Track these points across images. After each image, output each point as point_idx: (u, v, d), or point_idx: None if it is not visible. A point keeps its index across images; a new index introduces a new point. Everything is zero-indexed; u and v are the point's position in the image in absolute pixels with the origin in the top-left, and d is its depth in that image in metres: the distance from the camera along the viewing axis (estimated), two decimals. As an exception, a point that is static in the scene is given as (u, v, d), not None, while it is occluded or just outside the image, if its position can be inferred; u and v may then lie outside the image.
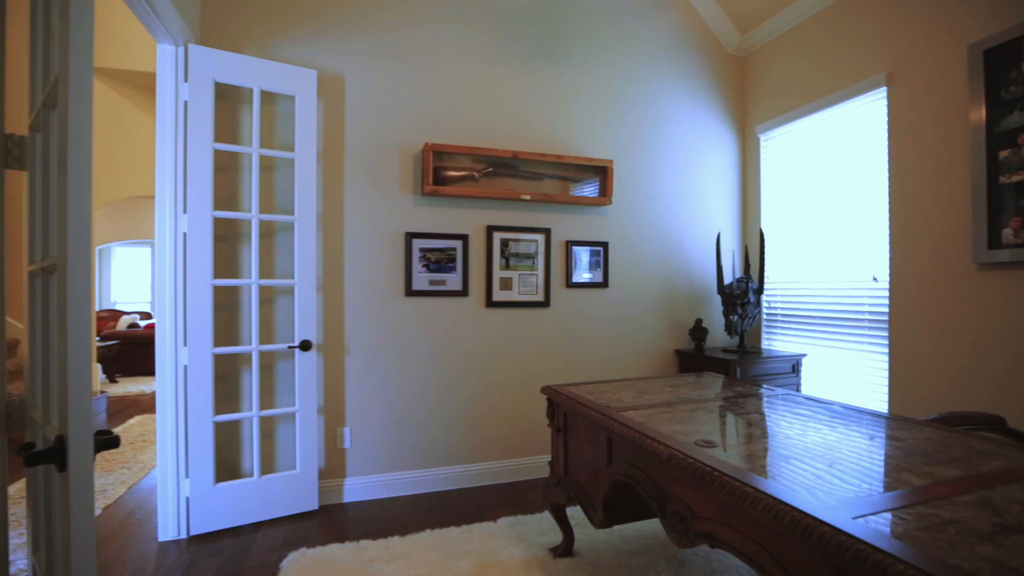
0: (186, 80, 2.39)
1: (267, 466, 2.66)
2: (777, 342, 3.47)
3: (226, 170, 2.60)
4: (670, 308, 3.49)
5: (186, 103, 2.39)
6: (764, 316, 3.56)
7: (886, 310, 2.74)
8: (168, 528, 2.37)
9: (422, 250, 2.95)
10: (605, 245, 3.30)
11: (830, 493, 1.08)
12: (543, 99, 3.20)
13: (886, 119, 2.73)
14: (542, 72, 3.20)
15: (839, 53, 3.00)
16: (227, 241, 2.60)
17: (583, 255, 3.26)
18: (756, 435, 1.51)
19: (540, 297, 3.16)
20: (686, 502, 1.32)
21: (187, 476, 2.39)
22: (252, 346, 2.54)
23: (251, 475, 2.58)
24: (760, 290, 3.24)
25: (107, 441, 0.87)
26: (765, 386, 2.18)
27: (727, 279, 3.58)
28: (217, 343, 2.53)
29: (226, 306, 2.60)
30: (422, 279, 2.95)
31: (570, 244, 3.22)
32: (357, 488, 2.82)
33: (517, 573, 2.05)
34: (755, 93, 3.64)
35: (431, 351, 2.97)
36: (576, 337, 3.26)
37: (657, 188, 3.47)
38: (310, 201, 2.64)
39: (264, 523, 2.54)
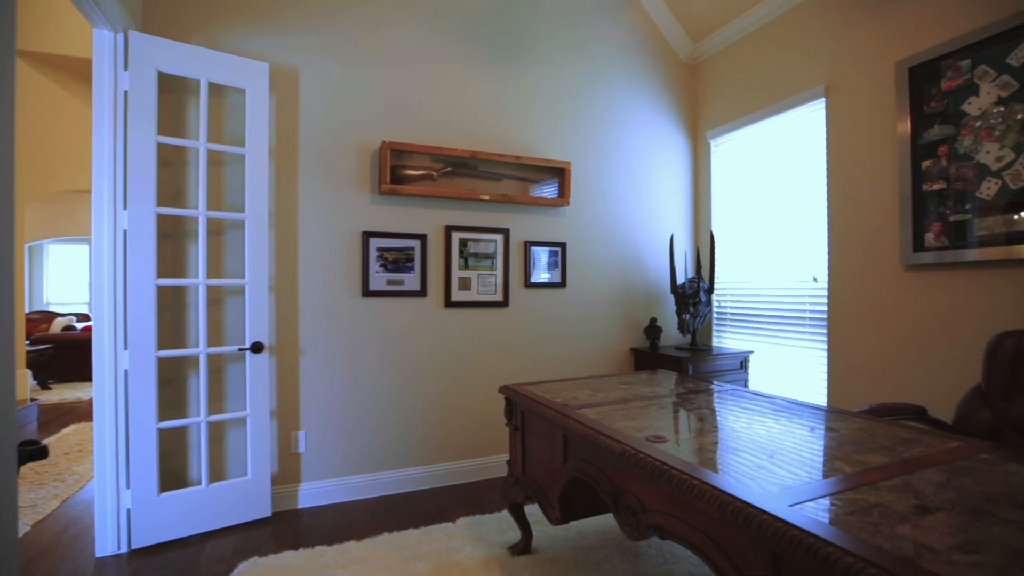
0: (126, 69, 2.27)
1: (216, 473, 2.56)
2: (727, 340, 3.61)
3: (171, 165, 2.48)
4: (626, 307, 3.58)
5: (126, 93, 2.26)
6: (715, 315, 3.70)
7: (825, 309, 2.90)
8: (107, 542, 2.24)
9: (379, 250, 2.91)
10: (563, 245, 3.35)
11: (770, 483, 1.14)
12: (502, 100, 3.22)
13: (824, 129, 2.90)
14: (501, 73, 3.22)
15: (782, 65, 3.16)
16: (172, 239, 2.49)
17: (541, 255, 3.30)
18: (704, 429, 1.57)
19: (499, 297, 3.18)
20: (638, 496, 1.37)
21: (128, 487, 2.27)
22: (200, 349, 2.44)
23: (199, 483, 2.48)
24: (711, 290, 3.37)
25: (33, 452, 0.82)
26: (715, 382, 2.28)
27: (680, 279, 3.70)
28: (161, 346, 2.41)
29: (171, 307, 2.48)
30: (379, 279, 2.91)
31: (529, 244, 3.25)
32: (312, 493, 2.75)
33: (475, 573, 2.06)
34: (706, 100, 3.78)
35: (389, 352, 2.93)
36: (535, 336, 3.29)
37: (613, 190, 3.55)
38: (262, 198, 2.56)
39: (213, 533, 2.44)
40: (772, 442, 1.43)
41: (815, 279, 2.98)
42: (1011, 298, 2.12)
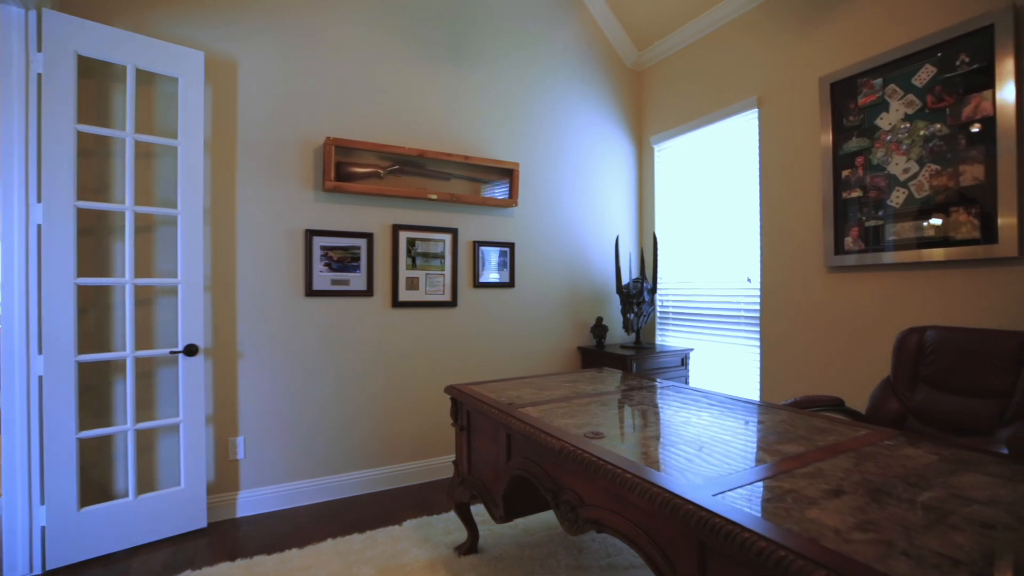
0: (39, 50, 2.10)
1: (146, 484, 2.42)
2: (669, 338, 3.76)
3: (94, 156, 2.32)
4: (573, 307, 3.65)
5: (39, 76, 2.10)
6: (658, 314, 3.84)
7: (758, 308, 3.07)
8: (17, 564, 2.07)
9: (324, 248, 2.83)
10: (511, 246, 3.38)
11: (698, 474, 1.20)
12: (451, 99, 3.21)
13: (757, 138, 3.06)
14: (450, 72, 3.20)
15: (720, 75, 3.31)
16: (95, 235, 2.33)
17: (490, 255, 3.32)
18: (642, 425, 1.63)
19: (447, 297, 3.17)
20: (577, 491, 1.40)
21: (42, 503, 2.11)
22: (127, 352, 2.30)
23: (126, 495, 2.33)
24: (654, 290, 3.49)
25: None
26: (657, 379, 2.37)
27: (625, 279, 3.81)
28: (82, 350, 2.25)
29: (95, 308, 2.32)
30: (323, 278, 2.83)
31: (477, 244, 3.26)
32: (252, 501, 2.65)
33: (420, 575, 2.05)
34: (650, 106, 3.91)
35: (334, 353, 2.86)
36: (483, 336, 3.30)
37: (561, 192, 3.61)
38: (196, 193, 2.44)
39: (142, 547, 2.30)
40: (703, 435, 1.51)
41: (749, 280, 3.15)
42: (921, 297, 2.32)
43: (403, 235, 3.04)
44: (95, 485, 2.32)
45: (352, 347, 2.91)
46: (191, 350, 2.41)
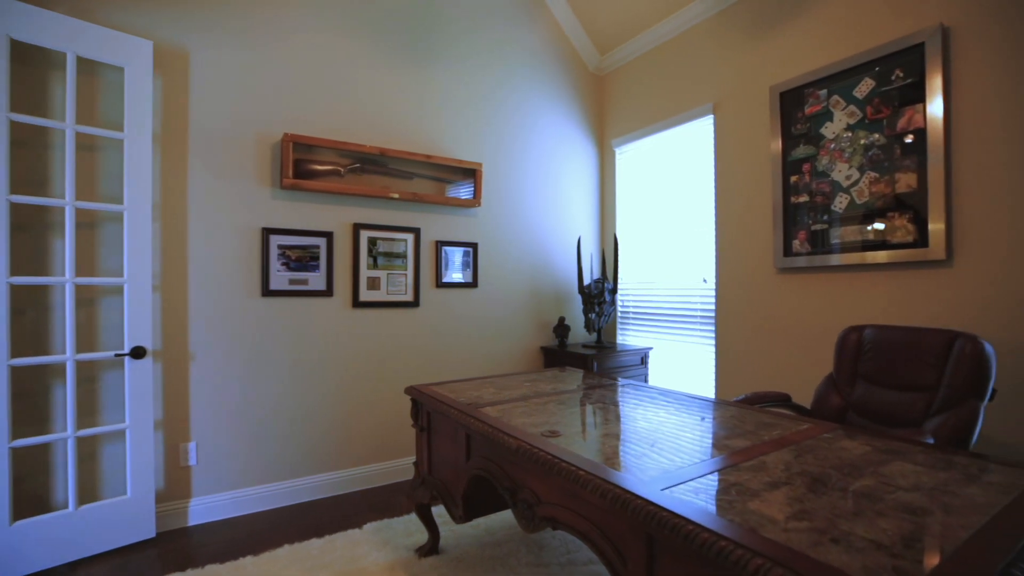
0: (-32, 36, 1.97)
1: (88, 494, 2.30)
2: (630, 337, 3.84)
3: (31, 147, 2.20)
4: (536, 307, 3.69)
5: (-32, 64, 1.97)
6: (619, 313, 3.92)
7: (713, 308, 3.18)
8: (-57, 581, 1.94)
9: (281, 247, 2.77)
10: (475, 246, 3.38)
11: (649, 470, 1.24)
12: (413, 97, 3.18)
13: (713, 143, 3.17)
14: (413, 70, 3.18)
15: (678, 81, 3.41)
16: (32, 232, 2.20)
17: (453, 255, 3.31)
18: (599, 423, 1.67)
19: (410, 297, 3.15)
20: (533, 490, 1.43)
21: (-28, 515, 1.98)
22: (67, 355, 2.18)
23: (66, 507, 2.21)
24: (615, 290, 3.56)
25: None
26: (619, 379, 2.42)
27: (587, 280, 3.87)
28: (16, 353, 2.13)
29: (33, 309, 2.20)
30: (281, 278, 2.76)
31: (440, 244, 3.25)
32: (205, 509, 2.56)
33: (380, 577, 2.04)
34: (611, 109, 3.98)
35: (291, 354, 2.80)
36: (446, 336, 3.29)
37: (524, 192, 3.64)
38: (144, 189, 2.34)
39: (85, 560, 2.20)
40: (656, 432, 1.56)
41: (704, 280, 3.26)
42: (863, 297, 2.46)
43: (364, 234, 3.00)
44: (31, 497, 2.20)
45: (311, 348, 2.85)
46: (138, 352, 2.31)
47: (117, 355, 2.29)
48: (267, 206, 2.74)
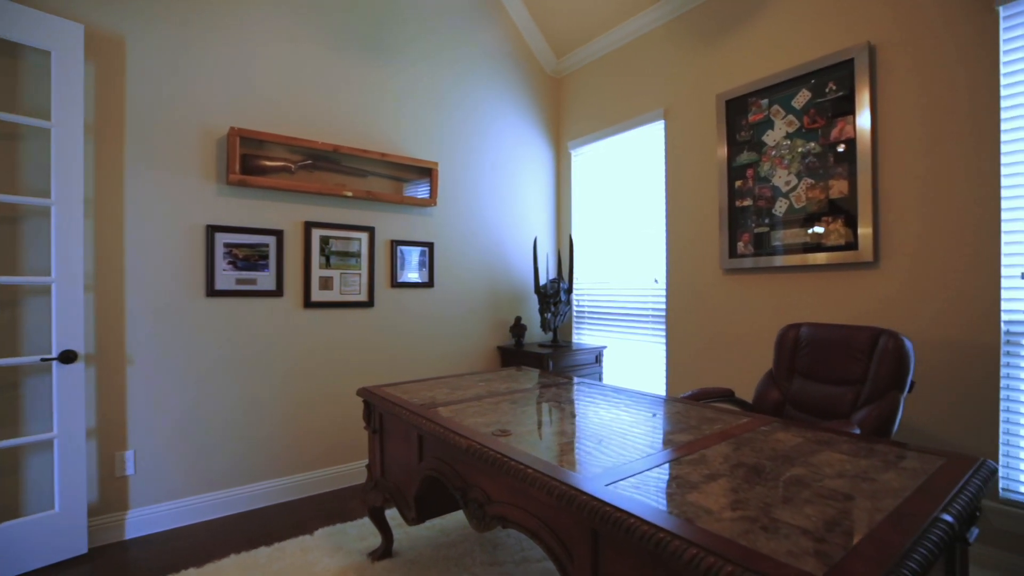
0: None
1: (10, 510, 2.15)
2: (585, 336, 3.91)
3: (-60, 137, 2.03)
4: (493, 307, 3.70)
5: None
6: (574, 313, 3.98)
7: (664, 307, 3.28)
8: None
9: (228, 245, 2.66)
10: (431, 246, 3.36)
11: (596, 466, 1.27)
12: (369, 95, 3.13)
13: (663, 147, 3.27)
14: (368, 67, 3.12)
15: (632, 86, 3.50)
16: (-57, 228, 2.03)
17: (408, 255, 3.28)
18: (548, 421, 1.70)
19: (364, 297, 3.09)
20: (484, 489, 1.43)
21: None
22: (-16, 361, 2.03)
23: (-17, 523, 2.06)
24: (570, 289, 3.62)
25: None
26: (571, 377, 2.46)
27: (543, 280, 3.92)
28: (-75, 360, 1.96)
29: (-58, 312, 2.03)
30: (227, 278, 2.66)
31: (395, 243, 3.21)
32: (144, 520, 2.44)
33: (331, 583, 2.00)
34: (568, 111, 4.04)
35: (239, 357, 2.70)
36: (402, 337, 3.26)
37: (480, 192, 3.64)
38: (75, 182, 2.20)
39: (4, 580, 2.05)
40: (604, 429, 1.60)
41: (656, 280, 3.35)
42: (802, 296, 2.59)
43: (316, 233, 2.93)
44: (-56, 514, 2.03)
45: (260, 350, 2.76)
46: (68, 356, 2.17)
47: (44, 360, 2.15)
48: (212, 203, 2.64)
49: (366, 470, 3.02)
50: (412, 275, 3.28)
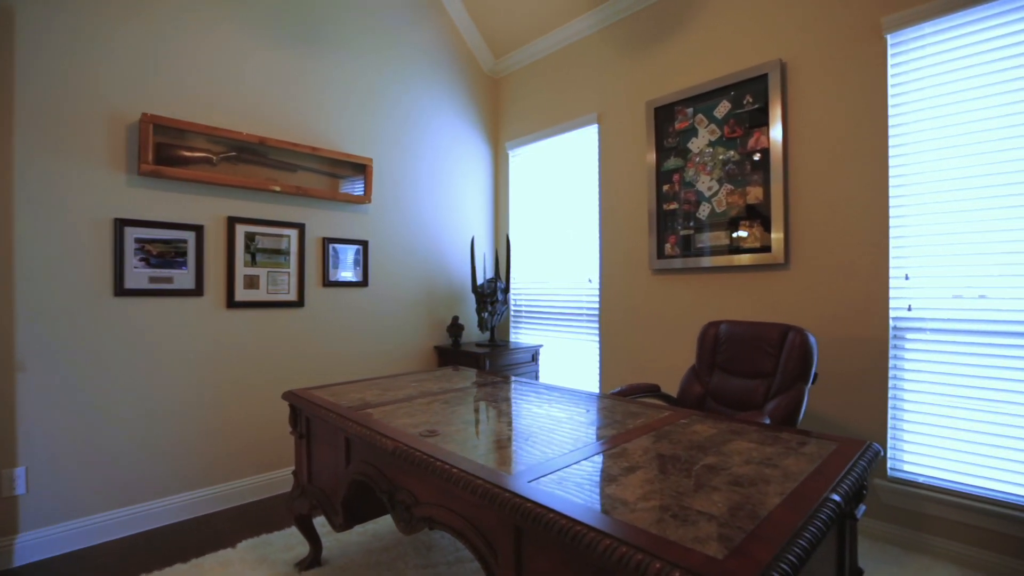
0: None
1: None
2: (523, 335, 3.95)
3: None
4: (429, 306, 3.66)
5: None
6: (512, 312, 4.02)
7: (597, 306, 3.38)
8: None
9: (140, 241, 2.47)
10: (365, 244, 3.28)
11: (519, 463, 1.29)
12: (300, 87, 3.00)
13: (597, 150, 3.37)
14: (300, 59, 3.00)
15: (568, 89, 3.57)
16: None
17: (342, 253, 3.18)
18: (478, 420, 1.70)
19: (293, 296, 2.97)
20: (411, 491, 1.42)
21: None
22: None
23: None
24: (507, 289, 3.65)
25: None
26: (507, 376, 2.48)
27: (480, 279, 3.92)
28: None
29: None
30: (139, 275, 2.47)
31: (327, 241, 3.10)
32: (39, 544, 2.21)
33: (253, 597, 1.90)
34: (506, 112, 4.07)
35: (153, 361, 2.51)
36: (334, 338, 3.15)
37: (417, 191, 3.59)
38: (-50, 170, 1.96)
39: None
40: (532, 427, 1.62)
41: (590, 280, 3.45)
42: (724, 296, 2.75)
43: (241, 229, 2.78)
44: None
45: (177, 353, 2.58)
46: (-58, 364, 1.93)
47: (-88, 368, 1.90)
48: (121, 194, 2.44)
49: (293, 477, 2.91)
50: (346, 274, 3.19)
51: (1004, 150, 1.96)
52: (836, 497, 1.10)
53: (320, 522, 2.48)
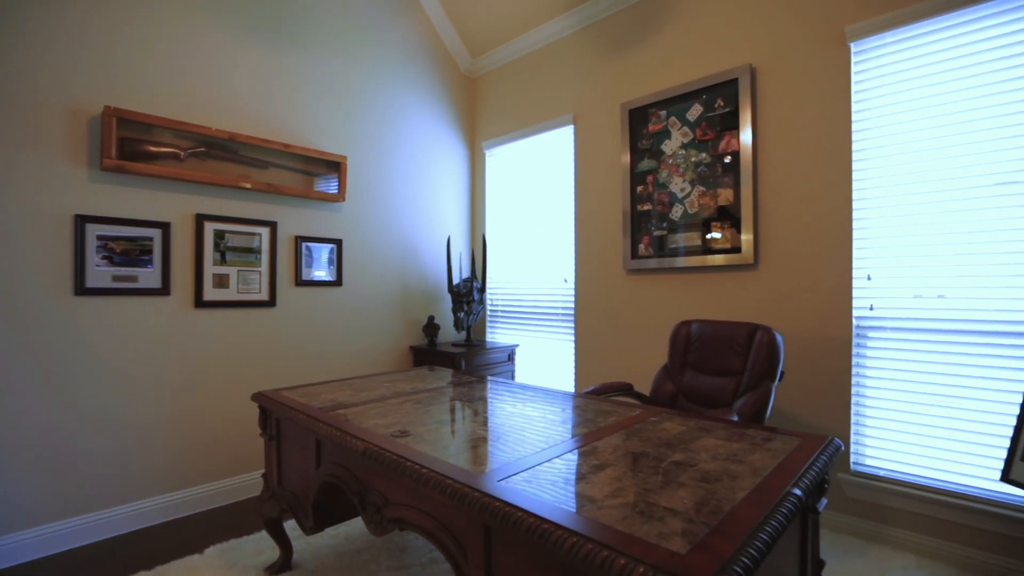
0: None
1: None
2: (499, 335, 3.95)
3: None
4: (405, 306, 3.63)
5: None
6: (488, 312, 4.01)
7: (573, 306, 3.40)
8: None
9: (102, 238, 2.39)
10: (339, 242, 3.23)
11: (489, 462, 1.29)
12: (273, 83, 2.94)
13: (573, 151, 3.39)
14: (274, 54, 2.94)
15: (544, 90, 3.59)
16: None
17: (315, 252, 3.13)
18: (450, 420, 1.70)
19: (265, 296, 2.91)
20: (382, 492, 1.41)
21: None
22: None
23: None
24: (483, 288, 3.64)
25: None
26: (483, 376, 2.47)
27: (456, 279, 3.91)
28: None
29: None
30: (102, 274, 2.39)
31: (300, 239, 3.05)
32: (-10, 552, 2.12)
33: (220, 603, 1.86)
34: (483, 111, 4.06)
35: (117, 362, 2.43)
36: (307, 338, 3.10)
37: (393, 190, 3.56)
38: None
39: None
40: (505, 426, 1.62)
41: (565, 280, 3.47)
42: (696, 295, 2.79)
43: (210, 226, 2.71)
44: None
45: (142, 355, 2.51)
46: None
47: None
48: (82, 189, 2.35)
49: (263, 480, 2.86)
50: (320, 273, 3.14)
51: (961, 155, 2.04)
52: (798, 491, 1.13)
53: (291, 526, 2.44)
